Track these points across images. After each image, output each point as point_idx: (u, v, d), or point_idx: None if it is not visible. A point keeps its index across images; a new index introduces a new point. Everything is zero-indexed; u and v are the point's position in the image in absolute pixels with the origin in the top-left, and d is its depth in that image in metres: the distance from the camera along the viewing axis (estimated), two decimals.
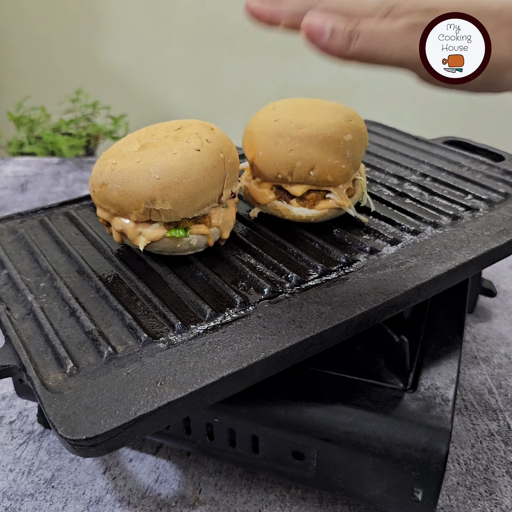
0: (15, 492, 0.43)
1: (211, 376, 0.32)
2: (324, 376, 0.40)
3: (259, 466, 0.40)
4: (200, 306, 0.38)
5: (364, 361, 0.41)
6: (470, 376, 0.54)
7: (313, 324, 0.35)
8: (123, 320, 0.37)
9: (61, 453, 0.46)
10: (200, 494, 0.43)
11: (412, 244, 0.45)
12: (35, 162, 1.11)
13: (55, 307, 0.39)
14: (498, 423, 0.48)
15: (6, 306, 0.39)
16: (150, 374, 0.32)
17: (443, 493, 0.42)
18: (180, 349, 0.34)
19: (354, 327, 0.37)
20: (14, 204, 0.92)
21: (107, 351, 0.34)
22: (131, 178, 0.40)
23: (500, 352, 0.57)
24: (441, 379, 0.39)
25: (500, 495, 0.42)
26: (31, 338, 0.36)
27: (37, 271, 0.44)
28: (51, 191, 0.97)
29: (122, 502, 0.42)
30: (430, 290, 0.41)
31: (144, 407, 0.30)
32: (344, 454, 0.37)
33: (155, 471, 0.45)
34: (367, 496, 0.38)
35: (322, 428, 0.37)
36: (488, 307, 0.64)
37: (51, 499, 0.42)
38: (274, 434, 0.38)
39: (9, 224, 0.51)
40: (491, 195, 0.52)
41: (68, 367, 0.33)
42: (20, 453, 0.47)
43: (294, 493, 0.43)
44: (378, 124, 0.73)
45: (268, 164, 0.47)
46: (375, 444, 0.36)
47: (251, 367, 0.33)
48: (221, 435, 0.40)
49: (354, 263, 0.43)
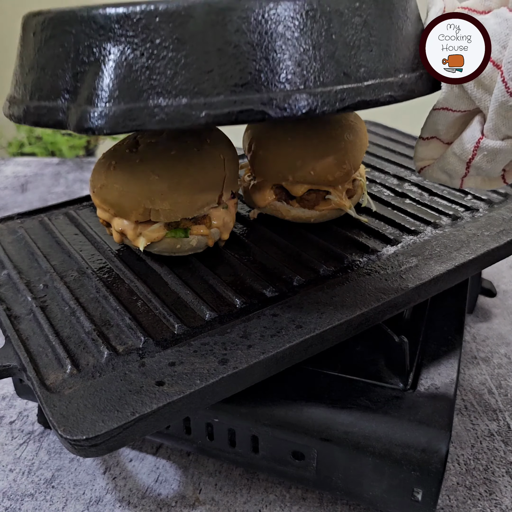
0: (15, 492, 0.43)
1: (211, 376, 0.32)
2: (324, 376, 0.40)
3: (259, 466, 0.40)
4: (200, 306, 0.38)
5: (364, 361, 0.41)
6: (470, 376, 0.54)
7: (313, 324, 0.36)
8: (123, 320, 0.37)
9: (61, 453, 0.46)
10: (200, 494, 0.43)
11: (412, 244, 0.45)
12: (35, 162, 1.11)
13: (55, 307, 0.39)
14: (498, 423, 0.48)
15: (6, 306, 0.39)
16: (150, 374, 0.32)
17: (443, 493, 0.42)
18: (180, 349, 0.34)
19: (354, 327, 0.37)
20: (14, 204, 0.92)
21: (107, 351, 0.34)
22: (131, 178, 0.40)
23: (500, 352, 0.57)
24: (441, 379, 0.39)
25: (500, 495, 0.42)
26: (31, 338, 0.36)
27: (37, 271, 0.44)
28: (51, 192, 0.97)
29: (122, 502, 0.42)
30: (430, 290, 0.41)
31: (144, 407, 0.30)
32: (344, 454, 0.37)
33: (155, 471, 0.45)
34: (367, 496, 0.38)
35: (322, 428, 0.37)
36: (488, 307, 0.64)
37: (51, 499, 0.42)
38: (274, 434, 0.38)
39: (9, 225, 0.51)
40: (491, 195, 0.53)
41: (68, 367, 0.33)
42: (20, 453, 0.47)
43: (294, 493, 0.43)
44: (378, 124, 0.73)
45: (269, 164, 0.47)
46: (375, 444, 0.36)
47: (251, 367, 0.33)
48: (221, 435, 0.40)
49: (354, 264, 0.43)
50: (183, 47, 0.30)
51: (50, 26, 0.34)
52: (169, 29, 0.30)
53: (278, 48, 0.30)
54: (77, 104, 0.32)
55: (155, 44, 0.30)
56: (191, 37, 0.30)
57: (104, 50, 0.31)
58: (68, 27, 0.32)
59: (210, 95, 0.30)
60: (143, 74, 0.30)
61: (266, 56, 0.30)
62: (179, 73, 0.30)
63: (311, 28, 0.31)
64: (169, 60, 0.30)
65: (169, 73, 0.30)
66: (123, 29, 0.30)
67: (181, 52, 0.30)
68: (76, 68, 0.32)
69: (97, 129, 0.30)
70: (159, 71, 0.30)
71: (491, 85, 0.32)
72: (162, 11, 0.30)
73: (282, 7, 0.30)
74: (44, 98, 0.34)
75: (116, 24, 0.30)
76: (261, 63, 0.30)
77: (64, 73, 0.33)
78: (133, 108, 0.30)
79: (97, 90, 0.31)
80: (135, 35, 0.30)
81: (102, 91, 0.31)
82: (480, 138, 0.34)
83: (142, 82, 0.30)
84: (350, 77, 0.31)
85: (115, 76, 0.30)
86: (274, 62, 0.30)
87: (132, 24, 0.30)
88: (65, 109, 0.33)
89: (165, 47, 0.30)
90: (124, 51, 0.30)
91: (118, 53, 0.31)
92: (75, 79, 0.32)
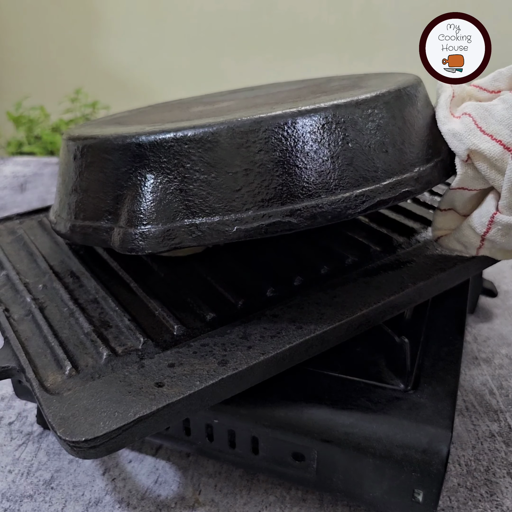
0: (14, 493, 0.43)
1: (210, 377, 0.32)
2: (325, 377, 0.39)
3: (259, 468, 0.40)
4: (199, 307, 0.38)
5: (365, 362, 0.41)
6: (471, 377, 0.54)
7: (313, 325, 0.35)
8: (122, 321, 0.37)
9: (60, 454, 0.46)
10: (200, 495, 0.43)
11: (413, 244, 0.45)
12: (34, 162, 1.11)
13: (54, 308, 0.39)
14: (499, 424, 0.48)
15: (5, 307, 0.39)
16: (150, 375, 0.32)
17: (443, 494, 0.42)
18: (179, 350, 0.34)
19: (354, 328, 0.37)
20: (13, 204, 0.92)
21: (106, 352, 0.34)
22: None
23: (501, 352, 0.57)
24: (442, 380, 0.39)
25: (501, 496, 0.42)
26: (30, 339, 0.36)
27: (36, 272, 0.44)
28: (50, 191, 0.97)
29: (121, 503, 0.42)
30: (431, 291, 0.41)
31: (143, 408, 0.30)
32: (344, 455, 0.36)
33: (155, 472, 0.45)
34: (367, 497, 0.38)
35: (322, 429, 0.37)
36: (489, 307, 0.64)
37: (50, 500, 0.42)
38: (274, 435, 0.38)
39: (8, 225, 0.51)
40: None
41: (67, 369, 0.33)
42: (19, 454, 0.46)
43: (294, 494, 0.43)
44: None
45: None
46: (375, 445, 0.35)
47: (251, 368, 0.33)
48: (221, 436, 0.40)
49: (354, 264, 0.43)
50: (212, 169, 0.32)
51: (90, 154, 0.36)
52: (198, 154, 0.32)
53: (299, 162, 0.32)
54: (119, 225, 0.35)
55: (187, 168, 0.33)
56: (219, 160, 0.32)
57: (140, 176, 0.33)
58: (107, 154, 0.35)
59: (240, 211, 0.32)
60: (178, 196, 0.33)
61: (288, 170, 0.32)
62: (211, 193, 0.32)
63: (328, 139, 0.33)
64: (201, 182, 0.32)
65: (202, 193, 0.33)
66: (156, 156, 0.33)
67: (211, 174, 0.32)
68: (116, 192, 0.35)
69: (140, 249, 0.33)
70: (192, 192, 0.33)
71: (503, 167, 0.34)
72: (191, 138, 0.32)
73: (299, 125, 0.32)
74: (88, 218, 0.37)
75: (149, 152, 0.33)
76: (284, 178, 0.32)
77: (105, 196, 0.35)
78: (171, 228, 0.33)
79: (136, 213, 0.33)
80: (168, 161, 0.33)
81: (141, 214, 0.33)
82: (494, 213, 0.36)
83: (177, 203, 0.33)
84: (368, 180, 0.34)
85: (152, 199, 0.33)
86: (296, 175, 0.32)
87: (164, 151, 0.33)
88: (108, 229, 0.36)
89: (196, 171, 0.32)
90: (158, 176, 0.33)
91: (153, 177, 0.33)
92: (115, 201, 0.35)
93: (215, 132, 0.32)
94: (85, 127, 0.44)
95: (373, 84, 0.39)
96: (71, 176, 0.39)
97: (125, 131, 0.35)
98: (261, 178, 0.32)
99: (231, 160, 0.32)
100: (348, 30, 1.82)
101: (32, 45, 2.04)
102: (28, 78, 2.07)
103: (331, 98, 0.34)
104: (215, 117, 0.34)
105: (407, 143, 0.36)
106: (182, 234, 0.33)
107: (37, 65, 2.06)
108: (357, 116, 0.34)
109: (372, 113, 0.34)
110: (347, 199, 0.33)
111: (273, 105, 0.37)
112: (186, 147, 0.32)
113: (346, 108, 0.34)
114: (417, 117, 0.38)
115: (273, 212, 0.32)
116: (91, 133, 0.38)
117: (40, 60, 2.06)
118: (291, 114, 0.32)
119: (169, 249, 0.33)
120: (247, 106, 0.39)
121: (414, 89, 0.38)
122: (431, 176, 0.37)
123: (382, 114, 0.35)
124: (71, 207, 0.39)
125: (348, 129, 0.33)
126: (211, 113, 0.39)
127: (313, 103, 0.33)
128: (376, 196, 0.33)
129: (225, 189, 0.32)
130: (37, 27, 2.01)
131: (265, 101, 0.41)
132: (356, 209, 0.33)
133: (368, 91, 0.35)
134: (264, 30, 1.89)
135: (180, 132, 0.32)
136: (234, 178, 0.32)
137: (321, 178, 0.32)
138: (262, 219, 0.32)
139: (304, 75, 1.70)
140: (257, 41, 1.89)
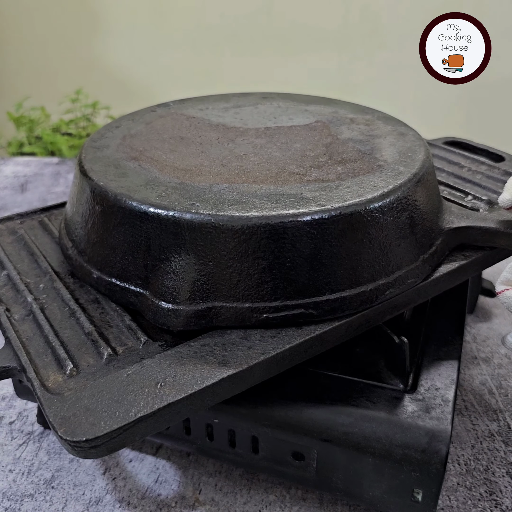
0: (15, 493, 0.43)
1: (211, 377, 0.32)
2: (324, 377, 0.39)
3: (259, 467, 0.40)
4: None
5: (364, 362, 0.41)
6: (470, 377, 0.54)
7: (313, 325, 0.35)
8: (123, 321, 0.37)
9: (61, 453, 0.46)
10: (200, 494, 0.43)
11: None
12: (35, 162, 1.11)
13: (55, 308, 0.39)
14: (498, 423, 0.48)
15: (6, 307, 0.39)
16: (150, 375, 0.32)
17: (443, 493, 0.42)
18: (180, 351, 0.34)
19: (354, 328, 0.37)
20: (14, 204, 0.92)
21: (107, 352, 0.34)
22: None
23: (500, 352, 0.57)
24: (441, 380, 0.39)
25: (500, 495, 0.42)
26: (31, 339, 0.36)
27: (37, 272, 0.44)
28: (51, 191, 0.97)
29: (122, 503, 0.42)
30: (430, 291, 0.41)
31: (144, 408, 0.30)
32: (344, 455, 0.37)
33: (155, 471, 0.45)
34: (367, 497, 0.38)
35: (322, 428, 0.37)
36: (488, 307, 0.64)
37: (51, 499, 0.42)
38: (274, 435, 0.38)
39: (8, 225, 0.51)
40: (491, 196, 0.52)
41: (68, 368, 0.33)
42: (20, 453, 0.47)
43: (294, 493, 0.43)
44: None
45: None
46: (375, 444, 0.36)
47: (251, 368, 0.33)
48: (221, 435, 0.40)
49: None
50: (246, 259, 0.34)
51: (121, 215, 0.36)
52: (233, 243, 0.34)
53: (321, 263, 0.35)
54: (151, 295, 0.35)
55: (222, 255, 0.34)
56: (254, 252, 0.34)
57: (176, 253, 0.34)
58: (139, 222, 0.35)
59: (268, 300, 0.34)
60: (211, 279, 0.34)
61: (312, 267, 0.34)
62: (242, 281, 0.34)
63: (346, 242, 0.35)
64: (234, 269, 0.34)
65: (234, 280, 0.34)
66: (192, 238, 0.34)
67: (244, 264, 0.34)
68: (147, 261, 0.35)
69: (172, 325, 0.35)
70: (224, 277, 0.34)
71: None
72: (229, 227, 0.33)
73: (323, 231, 0.34)
74: (115, 276, 0.37)
75: (187, 232, 0.34)
76: (309, 275, 0.34)
77: (135, 260, 0.36)
78: (203, 309, 0.34)
79: (170, 289, 0.34)
80: (204, 245, 0.34)
81: (174, 291, 0.34)
82: None
83: (209, 285, 0.34)
84: (381, 273, 0.37)
85: (187, 279, 0.34)
86: (318, 273, 0.35)
87: (202, 235, 0.34)
88: (137, 294, 0.36)
89: (231, 259, 0.34)
90: (193, 257, 0.34)
91: (188, 257, 0.34)
92: (146, 269, 0.36)
93: (252, 226, 0.33)
94: (107, 166, 0.41)
95: (389, 158, 0.41)
96: (96, 227, 0.38)
97: (161, 204, 0.35)
98: (287, 273, 0.34)
99: (264, 253, 0.34)
100: (348, 30, 1.82)
101: (33, 46, 2.04)
102: (29, 78, 2.07)
103: (354, 193, 0.36)
104: (249, 209, 0.34)
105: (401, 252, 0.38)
106: (212, 315, 0.34)
107: (37, 66, 2.06)
108: (378, 216, 0.36)
109: (393, 210, 0.37)
110: (363, 293, 0.36)
111: (299, 177, 0.38)
112: (224, 236, 0.34)
113: (369, 211, 0.35)
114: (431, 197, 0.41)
115: (298, 304, 0.35)
116: (125, 192, 0.37)
117: (41, 60, 2.06)
118: (321, 217, 0.34)
119: (199, 328, 0.35)
120: (272, 175, 0.39)
121: (429, 174, 0.41)
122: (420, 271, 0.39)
123: (403, 207, 0.37)
124: (95, 255, 0.39)
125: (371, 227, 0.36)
126: (237, 174, 0.39)
127: (339, 201, 0.35)
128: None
129: (256, 279, 0.34)
130: (38, 27, 2.01)
131: (283, 160, 0.41)
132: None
133: (391, 189, 0.37)
134: (264, 31, 1.89)
135: (219, 221, 0.33)
136: (263, 270, 0.34)
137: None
138: (288, 309, 0.35)
139: (304, 75, 1.69)
140: (257, 41, 1.89)
